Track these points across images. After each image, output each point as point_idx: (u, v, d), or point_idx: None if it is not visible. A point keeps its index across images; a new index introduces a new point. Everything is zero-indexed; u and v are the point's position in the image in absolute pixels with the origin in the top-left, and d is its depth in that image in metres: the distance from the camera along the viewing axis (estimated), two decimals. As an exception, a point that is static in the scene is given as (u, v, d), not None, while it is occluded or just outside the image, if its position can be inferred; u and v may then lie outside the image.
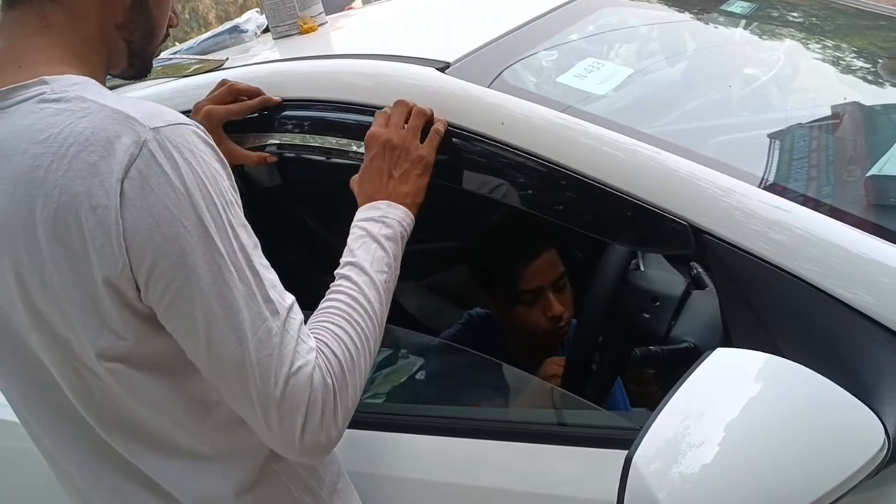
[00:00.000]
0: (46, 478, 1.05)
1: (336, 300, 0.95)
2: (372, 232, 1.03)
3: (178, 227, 0.79)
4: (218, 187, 0.83)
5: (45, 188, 0.79)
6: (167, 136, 0.80)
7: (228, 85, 1.33)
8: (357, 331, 0.92)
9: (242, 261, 0.83)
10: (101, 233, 0.78)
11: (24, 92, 0.84)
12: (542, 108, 1.17)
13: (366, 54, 1.42)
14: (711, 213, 1.02)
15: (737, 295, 1.00)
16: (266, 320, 0.83)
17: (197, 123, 0.86)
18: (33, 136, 0.81)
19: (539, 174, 1.12)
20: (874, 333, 0.90)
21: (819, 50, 1.77)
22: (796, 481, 0.80)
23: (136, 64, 0.98)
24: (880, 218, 1.09)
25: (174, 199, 0.79)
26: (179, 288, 0.80)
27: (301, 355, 0.84)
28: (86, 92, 0.83)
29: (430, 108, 1.16)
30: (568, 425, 1.24)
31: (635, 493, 0.82)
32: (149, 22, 0.96)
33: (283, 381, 0.83)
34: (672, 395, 0.85)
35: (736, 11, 1.79)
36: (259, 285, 0.84)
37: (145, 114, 0.81)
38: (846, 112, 1.40)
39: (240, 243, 0.83)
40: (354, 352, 0.90)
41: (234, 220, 0.84)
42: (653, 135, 1.16)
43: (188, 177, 0.80)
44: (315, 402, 0.84)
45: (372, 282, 0.98)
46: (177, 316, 0.82)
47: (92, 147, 0.78)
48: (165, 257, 0.79)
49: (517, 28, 1.46)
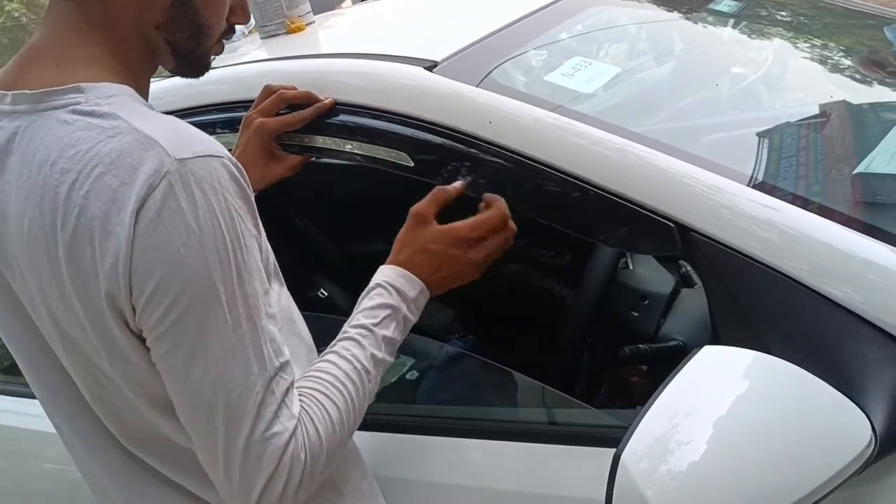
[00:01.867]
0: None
1: (338, 367, 0.92)
2: (399, 311, 1.00)
3: (182, 268, 0.76)
4: (234, 229, 0.79)
5: (67, 206, 0.78)
6: (192, 169, 0.77)
7: (277, 94, 1.25)
8: (348, 407, 0.89)
9: (241, 311, 0.80)
10: (111, 257, 0.76)
11: (58, 98, 0.81)
12: (530, 107, 1.17)
13: (353, 53, 1.41)
14: (699, 212, 1.02)
15: (725, 293, 1.00)
16: (251, 376, 0.80)
17: (230, 156, 0.82)
18: (63, 149, 0.79)
19: (526, 173, 1.12)
20: (861, 330, 0.91)
21: (807, 49, 1.77)
22: (784, 478, 0.80)
23: (185, 64, 0.94)
24: (867, 216, 1.10)
25: (184, 238, 0.76)
26: (169, 326, 0.78)
27: (280, 421, 0.81)
28: (121, 108, 0.80)
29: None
30: (556, 424, 1.24)
31: (623, 491, 0.82)
32: (195, 22, 0.90)
33: (253, 443, 0.80)
34: (660, 393, 0.85)
35: (724, 10, 1.80)
36: (253, 339, 0.80)
37: (175, 142, 0.78)
38: (834, 110, 1.41)
39: (243, 291, 0.80)
40: (338, 427, 0.88)
41: (243, 266, 0.80)
42: (640, 133, 1.16)
43: (204, 216, 0.77)
44: (281, 473, 0.81)
45: (377, 361, 0.96)
46: (161, 351, 0.80)
47: (115, 171, 0.76)
48: (163, 293, 0.77)
49: (504, 27, 1.46)
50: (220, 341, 0.79)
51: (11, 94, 0.83)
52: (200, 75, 0.97)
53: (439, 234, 1.06)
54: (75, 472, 1.05)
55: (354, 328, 0.97)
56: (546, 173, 1.10)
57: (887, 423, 0.84)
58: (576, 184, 1.08)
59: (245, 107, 1.37)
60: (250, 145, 1.24)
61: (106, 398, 0.90)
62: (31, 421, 1.63)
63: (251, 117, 1.25)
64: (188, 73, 0.96)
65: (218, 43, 0.96)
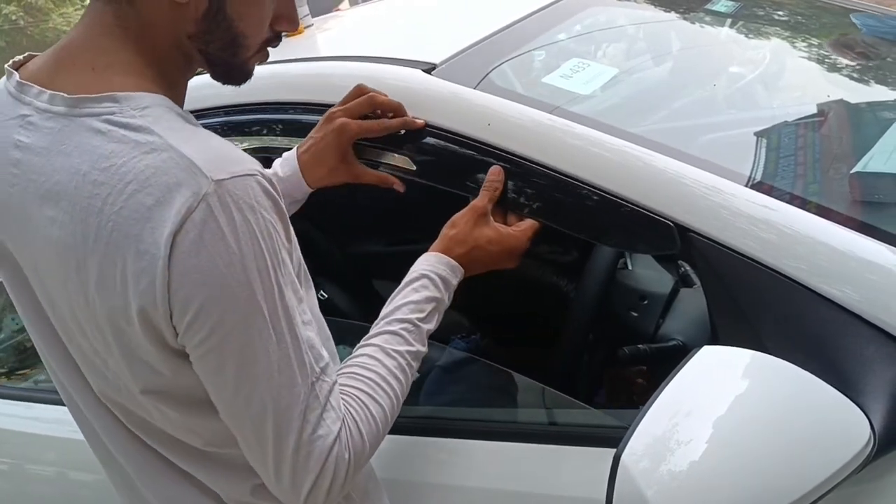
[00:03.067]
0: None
1: (382, 364, 0.94)
2: (443, 302, 1.05)
3: (225, 287, 0.77)
4: (272, 246, 0.80)
5: (100, 219, 0.77)
6: (229, 189, 0.77)
7: (368, 95, 1.21)
8: (392, 404, 0.93)
9: (284, 324, 0.81)
10: (146, 278, 0.76)
11: (93, 105, 0.80)
12: (529, 109, 1.18)
13: (352, 56, 1.42)
14: (698, 212, 1.02)
15: (723, 293, 1.00)
16: (296, 385, 0.82)
17: (263, 171, 0.81)
18: (96, 160, 0.78)
19: (526, 175, 1.12)
20: (860, 330, 0.91)
21: (804, 48, 1.78)
22: (784, 477, 0.80)
23: (221, 73, 0.93)
24: (865, 215, 1.10)
25: (226, 258, 0.77)
26: (215, 344, 0.79)
27: (325, 424, 0.84)
28: (156, 122, 0.80)
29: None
30: (557, 424, 1.24)
31: (624, 491, 0.82)
32: (229, 32, 0.87)
33: (301, 447, 0.83)
34: (660, 393, 0.86)
35: (721, 11, 1.80)
36: (296, 349, 0.82)
37: (211, 161, 0.77)
38: (831, 110, 1.41)
39: (284, 305, 0.82)
40: (382, 425, 0.91)
41: (282, 279, 0.82)
42: (638, 134, 1.16)
43: (243, 236, 0.77)
44: (327, 472, 0.84)
45: (419, 356, 0.99)
46: (207, 367, 0.82)
47: (149, 189, 0.76)
48: (207, 314, 0.77)
49: (502, 29, 1.46)
50: (265, 356, 0.80)
51: (49, 93, 0.83)
52: (241, 83, 0.95)
53: (500, 238, 1.11)
54: (75, 475, 1.06)
55: (399, 322, 0.99)
56: (545, 175, 1.11)
57: (886, 422, 0.84)
58: (575, 185, 1.09)
59: (243, 110, 1.38)
60: (325, 142, 1.21)
61: (110, 391, 0.91)
62: (30, 424, 1.63)
63: (335, 114, 1.21)
64: (227, 81, 0.95)
65: (260, 52, 0.93)
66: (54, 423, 1.54)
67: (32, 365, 1.90)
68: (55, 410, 1.56)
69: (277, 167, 1.24)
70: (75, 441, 1.08)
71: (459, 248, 1.09)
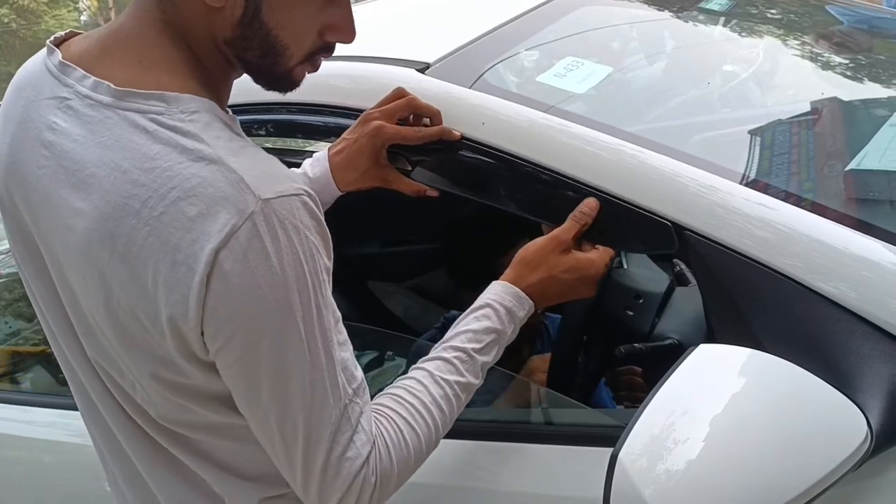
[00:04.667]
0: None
1: (428, 391, 0.93)
2: (504, 335, 1.01)
3: (266, 308, 0.76)
4: (314, 266, 0.79)
5: (136, 221, 0.75)
6: (275, 209, 0.75)
7: (408, 99, 1.16)
8: (430, 434, 0.91)
9: (321, 346, 0.80)
10: (178, 291, 0.75)
11: (141, 101, 0.79)
12: (523, 108, 1.17)
13: (345, 56, 1.41)
14: (693, 210, 1.02)
15: (719, 291, 1.00)
16: (328, 406, 0.81)
17: (308, 191, 0.79)
18: (139, 160, 0.76)
19: (520, 174, 1.12)
20: (856, 327, 0.91)
21: (797, 46, 1.78)
22: (781, 475, 0.80)
23: (264, 81, 0.89)
24: (860, 212, 1.10)
25: (268, 279, 0.75)
26: (250, 363, 0.79)
27: (355, 446, 0.83)
28: (205, 130, 0.78)
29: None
30: (553, 424, 1.24)
31: (621, 490, 0.82)
32: (267, 41, 0.83)
33: (329, 466, 0.83)
34: (656, 392, 0.85)
35: (714, 9, 1.80)
36: (330, 371, 0.81)
37: (259, 179, 0.76)
38: (825, 107, 1.41)
39: (322, 327, 0.81)
40: (415, 452, 0.89)
41: (322, 300, 0.80)
42: (633, 133, 1.16)
43: (287, 257, 0.76)
44: (352, 493, 0.84)
45: (470, 388, 0.96)
46: (239, 383, 0.81)
47: (194, 200, 0.74)
48: (244, 333, 0.77)
49: (496, 28, 1.46)
50: (300, 377, 0.80)
51: (94, 79, 0.81)
52: (286, 91, 0.91)
53: (577, 264, 1.06)
54: (72, 479, 1.05)
55: (454, 350, 0.97)
56: (540, 174, 1.11)
57: (883, 419, 0.84)
58: (570, 184, 1.08)
59: (237, 110, 1.37)
60: (359, 144, 1.17)
61: (129, 400, 0.90)
62: (28, 429, 1.63)
63: (371, 115, 1.17)
64: (271, 88, 0.91)
65: (308, 61, 0.89)
66: (49, 427, 1.53)
67: (26, 368, 1.89)
68: (50, 414, 1.56)
69: (307, 167, 1.22)
70: (71, 444, 1.07)
71: (531, 276, 1.04)
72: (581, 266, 1.06)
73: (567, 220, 1.06)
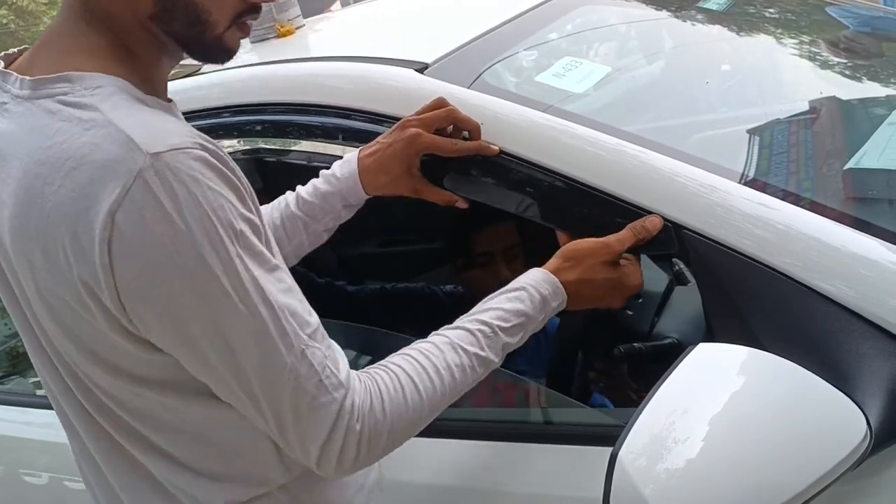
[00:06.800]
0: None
1: (444, 354, 0.91)
2: (534, 321, 0.99)
3: (176, 265, 0.74)
4: (225, 217, 0.76)
5: (42, 201, 0.75)
6: (168, 163, 0.73)
7: (448, 109, 1.15)
8: (433, 392, 0.89)
9: (254, 295, 0.78)
10: (86, 261, 0.74)
11: (50, 86, 0.79)
12: (522, 108, 1.17)
13: (344, 57, 1.41)
14: (692, 209, 1.02)
15: (719, 290, 1.00)
16: (281, 355, 0.79)
17: (205, 143, 0.77)
18: (42, 140, 0.76)
19: (519, 174, 1.12)
20: (855, 325, 0.91)
21: (795, 45, 1.78)
22: (780, 473, 0.80)
23: (197, 52, 0.87)
24: (858, 211, 1.10)
25: (172, 235, 0.73)
26: (180, 327, 0.77)
27: (326, 391, 0.81)
28: (103, 101, 0.77)
29: None
30: (553, 423, 1.24)
31: (621, 490, 0.82)
32: (188, 10, 0.82)
33: (301, 416, 0.81)
34: (656, 391, 0.85)
35: (713, 9, 1.80)
36: (274, 319, 0.79)
37: (149, 135, 0.74)
38: (823, 106, 1.41)
39: (251, 276, 0.78)
40: (413, 409, 0.87)
41: (244, 251, 0.78)
42: (632, 132, 1.16)
43: (189, 210, 0.73)
44: (334, 440, 0.82)
45: (488, 363, 0.94)
46: (182, 351, 0.79)
47: (85, 167, 0.73)
48: (161, 296, 0.75)
49: (494, 28, 1.46)
50: (239, 330, 0.78)
51: (20, 78, 0.81)
52: (224, 61, 0.89)
53: (618, 275, 1.05)
54: (69, 482, 1.05)
55: (479, 323, 0.95)
56: (539, 173, 1.11)
57: (882, 418, 0.84)
58: (569, 183, 1.08)
59: (236, 111, 1.37)
60: (392, 149, 1.15)
61: (87, 395, 0.88)
62: (23, 429, 1.63)
63: (409, 122, 1.15)
64: (206, 59, 0.91)
65: (236, 25, 0.87)
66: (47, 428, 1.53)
67: (24, 370, 1.89)
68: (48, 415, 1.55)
69: (336, 167, 1.20)
70: (67, 445, 1.07)
71: (572, 273, 1.03)
72: (620, 277, 1.05)
73: (625, 230, 1.04)
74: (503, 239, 1.69)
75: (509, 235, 1.70)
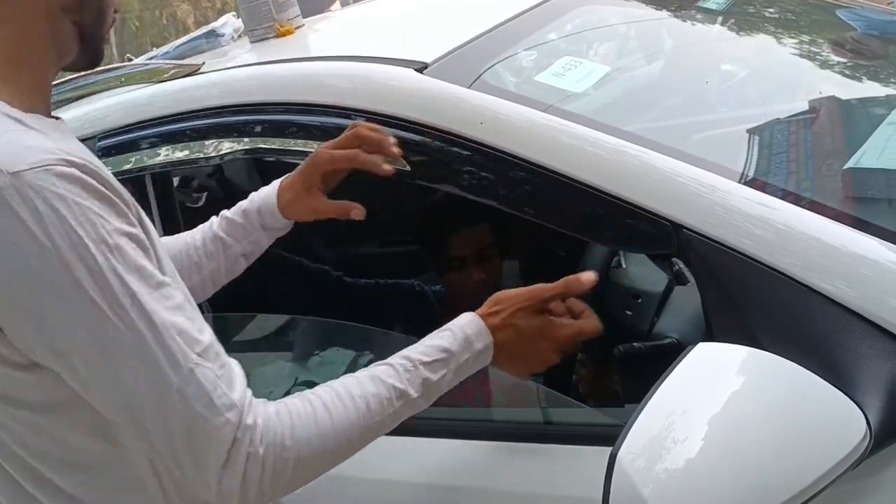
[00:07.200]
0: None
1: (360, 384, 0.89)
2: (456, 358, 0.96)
3: (46, 285, 0.73)
4: (96, 232, 0.75)
5: None
6: (28, 181, 0.72)
7: (353, 127, 1.15)
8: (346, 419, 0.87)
9: (132, 311, 0.76)
10: None
11: None
12: (522, 108, 1.17)
13: (343, 56, 1.41)
14: (692, 209, 1.02)
15: (718, 289, 1.00)
16: (166, 374, 0.76)
17: (69, 160, 0.76)
18: None
19: (519, 174, 1.12)
20: (855, 325, 0.91)
21: (795, 45, 1.78)
22: (780, 473, 0.80)
23: (89, 51, 0.89)
24: (858, 210, 1.10)
25: (37, 253, 0.72)
26: (56, 346, 0.76)
27: (218, 413, 0.78)
28: None
29: None
30: (552, 423, 1.24)
31: (620, 490, 0.82)
32: (99, 2, 0.86)
33: (192, 438, 0.78)
34: (655, 391, 0.85)
35: (712, 8, 1.80)
36: (157, 336, 0.76)
37: (11, 155, 0.73)
38: (823, 106, 1.41)
39: (129, 291, 0.76)
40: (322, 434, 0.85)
41: (121, 266, 0.76)
42: (632, 132, 1.16)
43: (54, 228, 0.72)
44: (234, 465, 0.79)
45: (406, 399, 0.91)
46: (65, 369, 0.78)
47: None
48: (31, 316, 0.74)
49: (494, 28, 1.46)
50: (121, 349, 0.76)
51: None
52: (96, 66, 0.93)
53: (544, 329, 1.00)
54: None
55: (400, 357, 0.94)
56: (539, 173, 1.10)
57: (881, 418, 0.84)
58: (569, 183, 1.08)
59: (235, 111, 1.37)
60: (297, 170, 1.18)
61: None
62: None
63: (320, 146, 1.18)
64: (90, 62, 0.92)
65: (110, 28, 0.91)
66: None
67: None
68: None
69: (261, 189, 1.23)
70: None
71: (497, 317, 1.00)
72: (546, 326, 1.01)
73: (558, 282, 1.02)
74: (476, 241, 1.72)
75: (480, 238, 1.72)
